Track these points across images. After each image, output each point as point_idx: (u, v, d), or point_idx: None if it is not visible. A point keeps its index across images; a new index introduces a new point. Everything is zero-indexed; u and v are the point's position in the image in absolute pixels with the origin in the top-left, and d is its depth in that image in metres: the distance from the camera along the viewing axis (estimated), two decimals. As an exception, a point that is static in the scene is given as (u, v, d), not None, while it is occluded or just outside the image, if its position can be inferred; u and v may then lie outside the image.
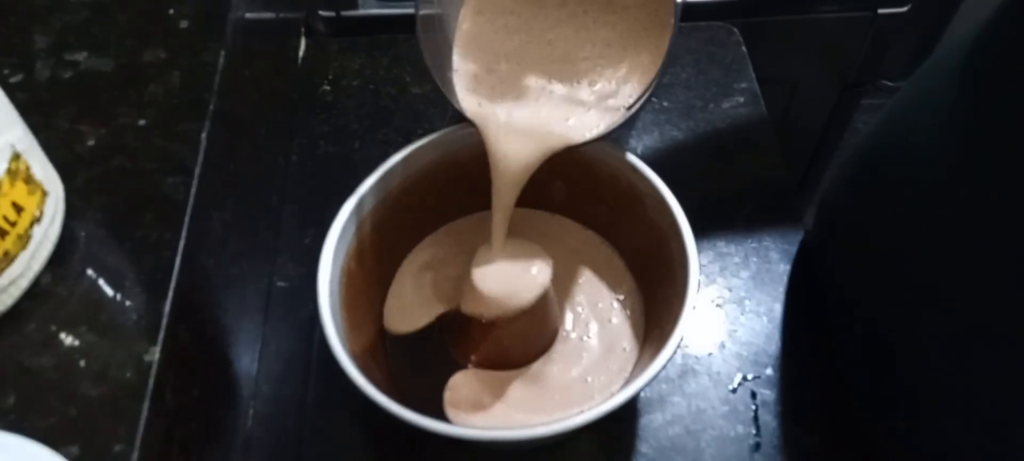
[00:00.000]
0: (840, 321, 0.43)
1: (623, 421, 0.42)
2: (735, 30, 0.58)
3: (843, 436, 0.42)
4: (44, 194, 0.30)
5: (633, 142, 0.52)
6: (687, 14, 0.61)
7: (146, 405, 0.28)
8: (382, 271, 0.43)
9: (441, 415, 0.39)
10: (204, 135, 0.35)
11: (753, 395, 0.42)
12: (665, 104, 0.55)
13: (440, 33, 0.39)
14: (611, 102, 0.38)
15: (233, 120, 0.40)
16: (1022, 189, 0.29)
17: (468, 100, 0.38)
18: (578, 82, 0.39)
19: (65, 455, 0.26)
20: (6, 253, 0.28)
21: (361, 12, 0.60)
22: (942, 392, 0.36)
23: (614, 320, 0.42)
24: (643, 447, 0.41)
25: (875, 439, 0.41)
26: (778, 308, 0.45)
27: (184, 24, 0.39)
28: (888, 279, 0.38)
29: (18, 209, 0.29)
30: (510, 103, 0.38)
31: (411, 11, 0.36)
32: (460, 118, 0.39)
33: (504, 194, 0.38)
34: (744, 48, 0.57)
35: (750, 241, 0.48)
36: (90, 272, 0.31)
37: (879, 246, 0.38)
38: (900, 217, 0.36)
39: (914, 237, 0.35)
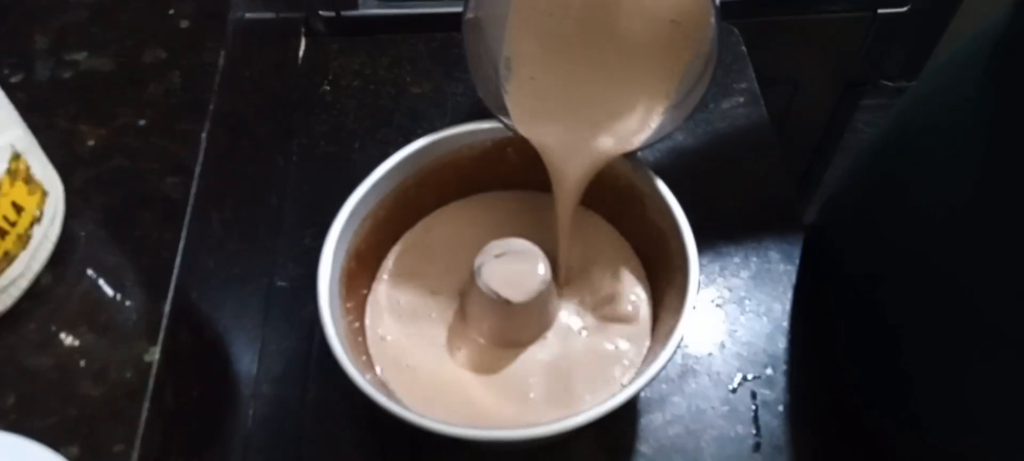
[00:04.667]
0: (845, 320, 0.43)
1: (623, 421, 0.41)
2: (735, 30, 0.58)
3: (843, 436, 0.42)
4: (44, 194, 0.30)
5: (633, 142, 0.52)
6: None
7: (146, 405, 0.28)
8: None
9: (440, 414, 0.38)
10: (204, 135, 0.35)
11: (753, 395, 0.42)
12: (665, 104, 0.54)
13: (482, 43, 0.39)
14: (635, 139, 0.39)
15: (233, 120, 0.40)
16: None
17: (524, 121, 0.40)
18: (601, 125, 0.39)
19: (65, 455, 0.26)
20: (6, 253, 0.28)
21: (361, 12, 0.60)
22: (948, 392, 0.36)
23: (616, 312, 0.42)
24: (643, 447, 0.41)
25: (876, 439, 0.41)
26: (778, 308, 0.45)
27: (184, 24, 0.39)
28: (900, 278, 0.38)
29: (18, 209, 0.29)
30: (558, 125, 0.40)
31: (411, 11, 0.36)
32: (460, 118, 0.39)
33: (563, 200, 0.40)
34: (744, 48, 0.57)
35: (750, 241, 0.48)
36: (90, 272, 0.31)
37: (892, 245, 0.38)
38: (917, 216, 0.36)
39: (931, 236, 0.35)
